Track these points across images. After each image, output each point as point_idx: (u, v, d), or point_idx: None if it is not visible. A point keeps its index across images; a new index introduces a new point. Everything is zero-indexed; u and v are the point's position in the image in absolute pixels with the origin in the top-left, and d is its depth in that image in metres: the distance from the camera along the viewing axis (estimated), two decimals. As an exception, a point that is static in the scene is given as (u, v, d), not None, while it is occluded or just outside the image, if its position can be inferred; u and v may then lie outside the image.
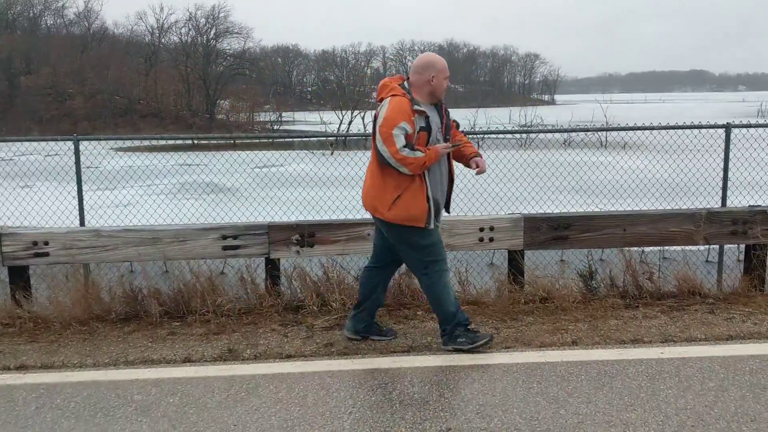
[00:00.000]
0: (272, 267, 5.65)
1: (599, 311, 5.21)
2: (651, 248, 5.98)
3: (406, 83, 4.38)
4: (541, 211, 9.24)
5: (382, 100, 4.35)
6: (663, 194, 9.67)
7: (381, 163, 4.24)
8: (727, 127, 6.95)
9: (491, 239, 5.65)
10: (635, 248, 5.80)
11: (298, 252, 5.63)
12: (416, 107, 4.22)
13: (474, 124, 59.29)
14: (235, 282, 5.72)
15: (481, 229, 5.63)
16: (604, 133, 53.07)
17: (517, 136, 56.84)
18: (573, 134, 54.90)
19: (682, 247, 6.04)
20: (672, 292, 5.61)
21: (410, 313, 5.27)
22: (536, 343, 4.54)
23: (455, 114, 5.13)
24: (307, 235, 5.60)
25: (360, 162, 9.69)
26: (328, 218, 5.90)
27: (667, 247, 6.85)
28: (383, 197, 4.28)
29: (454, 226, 5.62)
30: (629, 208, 6.16)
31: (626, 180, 9.73)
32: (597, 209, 6.35)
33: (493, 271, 5.82)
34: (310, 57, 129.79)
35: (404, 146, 4.13)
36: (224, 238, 5.59)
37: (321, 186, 8.83)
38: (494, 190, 9.53)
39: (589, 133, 53.12)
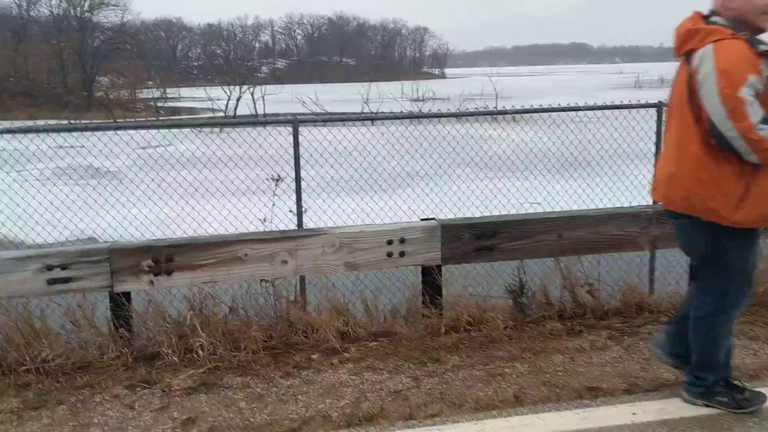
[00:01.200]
0: (119, 304, 4.29)
1: (538, 341, 4.19)
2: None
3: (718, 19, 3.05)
4: (449, 198, 8.31)
5: (692, 51, 3.00)
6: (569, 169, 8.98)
7: (710, 143, 2.93)
8: (659, 107, 6.12)
9: (402, 254, 4.51)
10: (572, 257, 4.82)
11: (151, 282, 4.29)
12: (762, 47, 2.89)
13: (367, 99, 58.58)
14: (69, 326, 4.32)
15: (390, 242, 4.48)
16: (495, 106, 53.57)
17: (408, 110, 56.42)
18: (464, 107, 55.16)
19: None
20: (617, 309, 4.69)
21: (302, 359, 4.07)
22: (469, 402, 3.44)
23: (346, 88, 3.92)
24: (164, 259, 4.27)
25: (249, 141, 8.47)
26: (191, 236, 4.56)
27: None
28: (723, 193, 2.95)
29: (356, 238, 4.45)
30: (565, 209, 5.21)
31: (528, 155, 8.98)
32: (527, 211, 5.34)
33: (407, 292, 4.70)
34: (195, 31, 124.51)
35: (762, 121, 2.82)
36: (50, 268, 4.17)
37: (211, 167, 7.53)
38: (390, 166, 8.50)
39: (482, 107, 53.42)
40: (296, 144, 5.26)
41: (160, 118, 62.66)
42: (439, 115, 6.21)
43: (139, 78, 79.12)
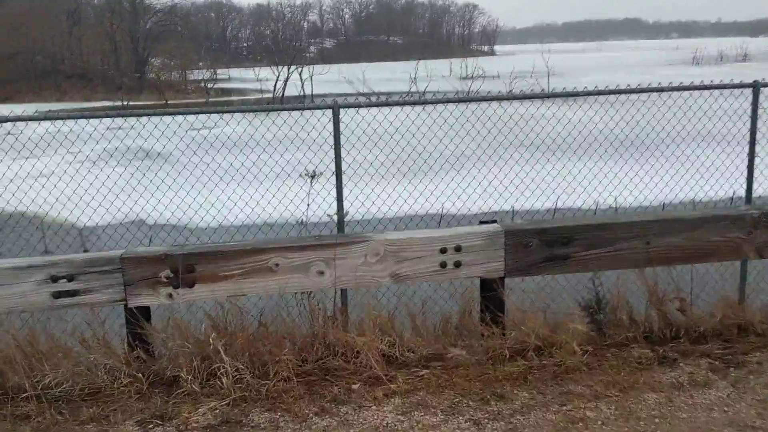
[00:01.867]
0: (134, 320, 3.74)
1: (623, 372, 3.50)
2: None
3: None
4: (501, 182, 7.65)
5: None
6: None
7: None
8: (756, 86, 5.28)
9: (458, 264, 3.85)
10: (660, 267, 4.08)
11: (170, 295, 3.73)
12: None
13: (414, 78, 57.59)
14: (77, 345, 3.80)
15: (443, 250, 3.83)
16: (547, 83, 52.10)
17: (458, 89, 55.25)
18: (514, 86, 53.79)
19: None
20: (715, 329, 3.94)
21: (341, 391, 3.46)
22: (545, 461, 2.78)
23: (394, 67, 3.26)
24: (184, 269, 3.70)
25: (297, 123, 7.97)
26: (215, 242, 3.97)
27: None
28: None
29: (404, 245, 3.81)
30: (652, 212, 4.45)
31: (581, 134, 8.19)
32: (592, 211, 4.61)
33: (462, 308, 4.04)
34: (245, 11, 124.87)
35: None
36: (55, 279, 3.64)
37: (258, 150, 7.10)
38: (437, 151, 7.86)
39: (532, 85, 51.96)
40: (337, 132, 4.63)
41: (210, 99, 62.94)
42: (491, 98, 5.49)
43: (189, 59, 79.74)
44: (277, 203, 6.32)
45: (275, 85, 59.64)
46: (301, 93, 59.85)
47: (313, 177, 4.38)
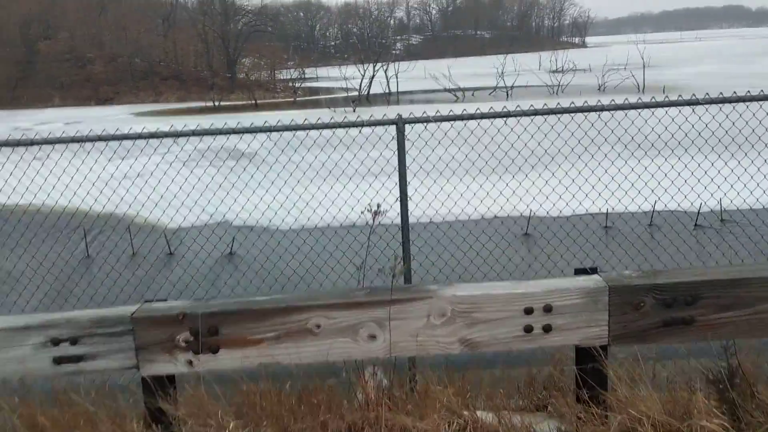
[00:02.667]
0: (152, 389, 3.11)
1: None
2: None
3: None
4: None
5: None
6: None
7: None
8: None
9: (547, 328, 3.02)
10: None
11: (190, 362, 3.07)
12: None
13: (502, 72, 56.10)
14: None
15: (529, 311, 3.01)
16: (642, 75, 49.41)
17: (548, 83, 53.41)
18: (607, 79, 51.27)
19: None
20: None
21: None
22: None
23: (481, 62, 2.46)
24: (207, 331, 3.04)
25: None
26: (243, 299, 3.27)
27: None
28: None
29: (478, 304, 3.01)
30: None
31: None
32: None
33: (549, 381, 3.22)
34: (333, 10, 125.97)
35: None
36: (56, 343, 3.05)
37: (341, 148, 6.63)
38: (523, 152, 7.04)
39: (626, 77, 49.33)
40: (402, 152, 3.87)
41: (297, 99, 63.38)
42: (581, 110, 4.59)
43: (278, 59, 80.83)
44: (355, 203, 5.73)
45: (360, 83, 59.49)
46: (386, 91, 59.42)
47: (376, 214, 3.62)
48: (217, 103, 59.83)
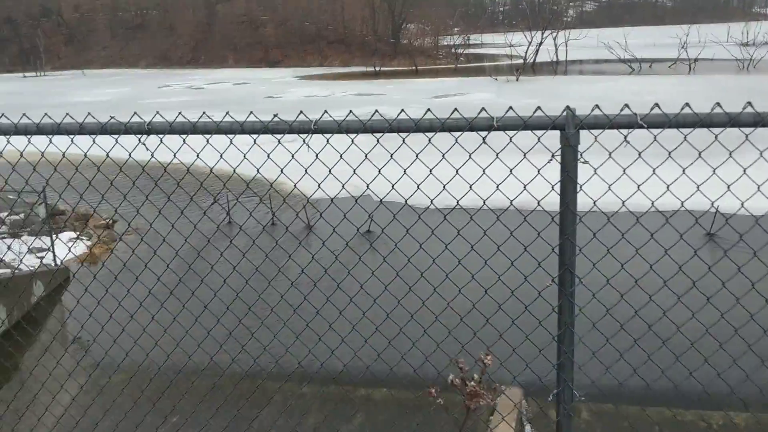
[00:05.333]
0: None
1: None
2: None
3: None
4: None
5: None
6: None
7: None
8: None
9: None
10: None
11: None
12: None
13: (685, 43, 51.49)
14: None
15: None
16: None
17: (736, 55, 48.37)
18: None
19: None
20: None
21: None
22: None
23: (660, 32, 1.34)
24: None
25: (542, 89, 6.38)
26: None
27: None
28: None
29: None
30: None
31: None
32: None
33: None
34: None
35: None
36: None
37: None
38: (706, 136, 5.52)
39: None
40: (572, 171, 2.65)
41: (459, 66, 62.21)
42: None
43: (443, 25, 79.87)
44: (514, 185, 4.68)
45: (527, 50, 57.04)
46: (554, 59, 56.61)
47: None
48: (377, 69, 59.93)
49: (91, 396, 7.42)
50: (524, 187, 2.49)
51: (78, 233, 14.29)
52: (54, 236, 12.50)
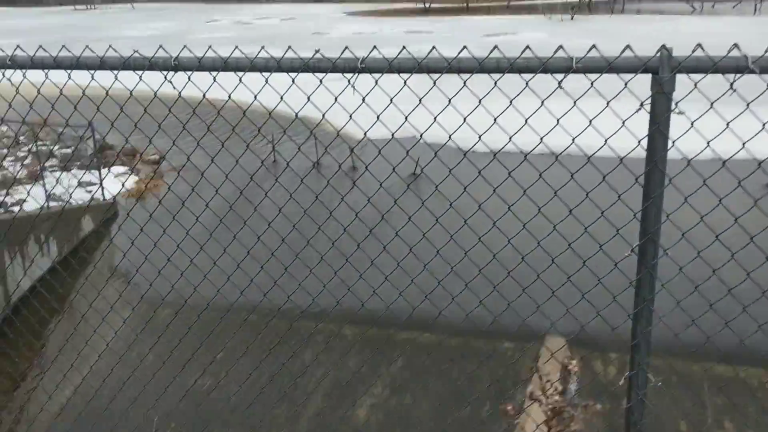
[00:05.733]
0: None
1: None
2: None
3: None
4: None
5: None
6: None
7: None
8: None
9: None
10: None
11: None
12: None
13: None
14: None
15: None
16: None
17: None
18: None
19: None
20: None
21: None
22: None
23: None
24: None
25: (599, 29, 5.88)
26: None
27: None
28: None
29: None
30: None
31: None
32: None
33: None
34: None
35: None
36: None
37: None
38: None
39: None
40: (662, 127, 2.37)
41: (511, 3, 59.98)
42: None
43: (497, -41, 76.88)
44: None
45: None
46: (613, -3, 54.08)
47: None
48: (427, 5, 58.19)
49: (136, 332, 7.45)
50: (605, 142, 2.16)
51: (129, 168, 14.34)
52: (104, 170, 12.53)
